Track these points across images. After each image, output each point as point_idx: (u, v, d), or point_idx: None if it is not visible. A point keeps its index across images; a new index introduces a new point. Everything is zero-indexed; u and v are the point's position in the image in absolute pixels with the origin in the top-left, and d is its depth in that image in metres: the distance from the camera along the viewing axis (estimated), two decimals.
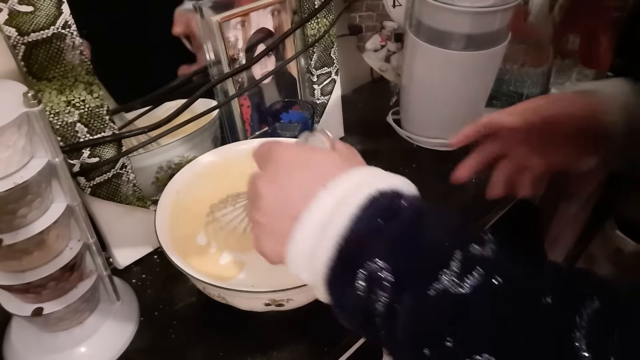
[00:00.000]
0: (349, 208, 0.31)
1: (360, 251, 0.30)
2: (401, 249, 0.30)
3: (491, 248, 0.29)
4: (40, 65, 0.47)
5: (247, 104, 0.71)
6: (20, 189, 0.40)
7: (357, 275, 0.30)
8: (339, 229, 0.31)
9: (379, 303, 0.29)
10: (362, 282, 0.30)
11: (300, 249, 0.33)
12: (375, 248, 0.30)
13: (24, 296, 0.48)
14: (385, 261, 0.29)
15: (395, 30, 0.95)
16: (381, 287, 0.29)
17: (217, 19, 0.62)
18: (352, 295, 0.30)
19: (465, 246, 0.29)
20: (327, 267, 0.32)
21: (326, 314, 0.57)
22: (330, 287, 0.32)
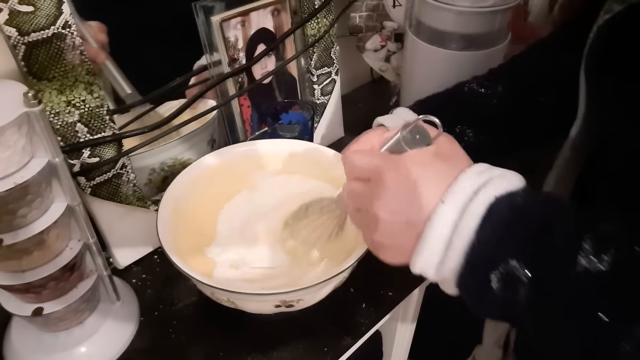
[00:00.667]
0: (472, 219, 0.33)
1: (489, 256, 0.32)
2: (530, 245, 0.31)
3: (615, 223, 0.31)
4: (40, 65, 0.47)
5: (247, 104, 0.71)
6: (20, 189, 0.40)
7: (490, 277, 0.32)
8: (464, 240, 0.33)
9: (519, 297, 0.31)
10: (497, 283, 0.31)
11: (426, 263, 0.35)
12: (504, 251, 0.31)
13: (24, 296, 0.48)
14: (517, 261, 0.31)
15: (395, 30, 0.95)
16: (518, 283, 0.31)
17: (217, 19, 0.62)
18: (488, 295, 0.32)
19: (591, 226, 0.30)
20: (457, 273, 0.34)
21: (326, 314, 0.57)
22: (462, 289, 0.34)
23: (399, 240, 0.37)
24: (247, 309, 0.51)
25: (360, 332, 0.57)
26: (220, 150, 0.63)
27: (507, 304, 0.32)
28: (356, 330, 0.57)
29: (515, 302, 0.31)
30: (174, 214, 0.56)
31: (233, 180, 0.64)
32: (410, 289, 0.63)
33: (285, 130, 0.67)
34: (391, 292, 0.61)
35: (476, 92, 0.59)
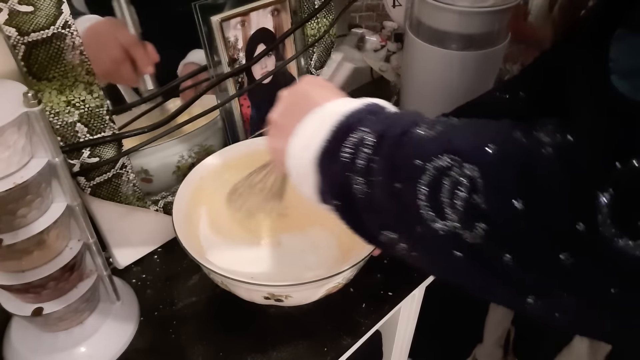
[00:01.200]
0: (345, 109, 0.37)
1: (348, 129, 0.35)
2: (382, 121, 0.35)
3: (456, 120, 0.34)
4: (40, 65, 0.47)
5: (247, 104, 0.71)
6: (20, 189, 0.40)
7: (344, 144, 0.35)
8: (337, 118, 0.36)
9: (360, 161, 0.34)
10: (349, 148, 0.35)
11: (299, 142, 0.38)
12: (362, 125, 0.35)
13: (24, 296, 0.48)
14: (369, 128, 0.35)
15: (395, 30, 0.95)
16: (364, 145, 0.34)
17: (217, 19, 0.62)
18: (337, 163, 0.35)
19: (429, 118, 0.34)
20: (320, 148, 0.37)
21: (326, 314, 0.57)
22: (319, 163, 0.37)
23: (286, 122, 0.41)
24: (241, 295, 0.51)
25: (360, 332, 0.57)
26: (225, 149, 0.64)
27: (353, 171, 0.34)
28: (356, 330, 0.57)
29: (356, 169, 0.34)
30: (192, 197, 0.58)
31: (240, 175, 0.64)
32: (410, 289, 0.63)
33: None
34: (391, 292, 0.61)
35: (500, 99, 0.60)
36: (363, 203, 0.35)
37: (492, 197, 0.26)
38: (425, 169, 0.29)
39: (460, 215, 0.27)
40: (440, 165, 0.29)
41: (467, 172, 0.27)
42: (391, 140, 0.33)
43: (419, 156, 0.30)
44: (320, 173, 0.37)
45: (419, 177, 0.30)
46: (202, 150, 0.70)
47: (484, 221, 0.26)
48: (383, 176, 0.33)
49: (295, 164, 0.39)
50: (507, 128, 0.28)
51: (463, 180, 0.27)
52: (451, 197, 0.28)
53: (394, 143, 0.33)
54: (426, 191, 0.29)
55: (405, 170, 0.31)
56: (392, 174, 0.32)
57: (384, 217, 0.34)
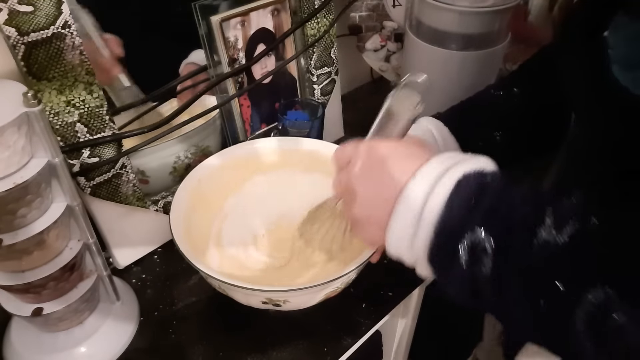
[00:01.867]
0: (441, 193, 0.34)
1: (457, 227, 0.33)
2: (496, 217, 0.32)
3: (577, 199, 0.32)
4: (40, 65, 0.47)
5: (247, 104, 0.71)
6: (20, 189, 0.40)
7: (458, 248, 0.33)
8: (434, 212, 0.34)
9: (484, 269, 0.32)
10: (464, 253, 0.32)
11: (399, 235, 0.36)
12: (471, 221, 0.33)
13: (24, 296, 0.48)
14: (483, 230, 0.32)
15: (395, 30, 0.95)
16: (483, 254, 0.32)
17: (217, 19, 0.62)
18: (456, 268, 0.33)
19: (554, 202, 0.32)
20: (427, 247, 0.35)
21: (326, 315, 0.57)
22: (433, 264, 0.35)
23: (374, 215, 0.38)
24: (239, 300, 0.51)
25: (360, 332, 0.57)
26: (226, 150, 0.64)
27: (473, 276, 0.33)
28: (356, 330, 0.57)
29: (480, 274, 0.32)
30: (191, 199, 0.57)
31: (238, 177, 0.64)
32: (410, 289, 0.63)
33: (295, 127, 0.67)
34: (391, 292, 0.61)
35: (494, 96, 0.60)
36: (494, 305, 0.34)
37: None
38: (579, 298, 0.28)
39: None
40: (595, 300, 0.28)
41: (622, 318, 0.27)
42: (517, 250, 0.31)
43: (560, 278, 0.29)
44: (437, 273, 0.36)
45: (572, 307, 0.28)
46: (199, 151, 0.69)
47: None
48: (517, 290, 0.31)
49: (400, 254, 0.38)
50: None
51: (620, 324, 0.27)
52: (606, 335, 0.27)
53: (521, 254, 0.31)
54: (585, 324, 0.28)
55: (551, 293, 0.29)
56: (530, 292, 0.31)
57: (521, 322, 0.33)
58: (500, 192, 0.34)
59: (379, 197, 0.37)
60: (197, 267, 0.48)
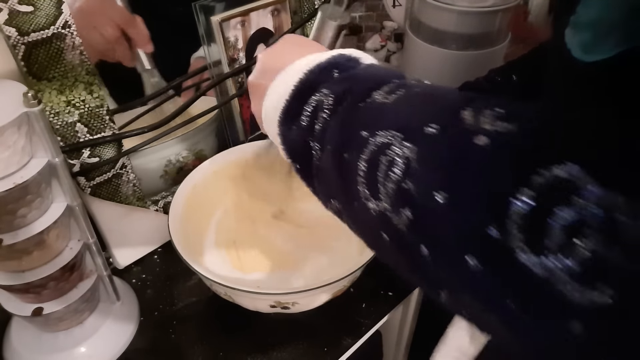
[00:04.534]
0: (311, 63, 0.36)
1: (310, 89, 0.34)
2: (346, 80, 0.33)
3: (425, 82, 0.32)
4: (40, 65, 0.47)
5: (247, 104, 0.71)
6: (20, 189, 0.40)
7: (305, 107, 0.34)
8: (297, 76, 0.35)
9: (318, 125, 0.33)
10: (308, 111, 0.34)
11: (270, 104, 0.37)
12: (325, 84, 0.34)
13: (24, 296, 0.48)
14: (329, 89, 0.33)
15: (395, 30, 0.95)
16: (322, 110, 0.33)
17: (217, 19, 0.62)
18: (297, 127, 0.34)
19: (402, 77, 0.32)
20: (282, 108, 0.36)
21: (326, 315, 0.57)
22: (281, 125, 0.36)
23: (262, 85, 0.39)
24: (244, 305, 0.51)
25: (360, 332, 0.57)
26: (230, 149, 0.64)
27: (309, 134, 0.33)
28: (356, 330, 0.57)
29: (314, 134, 0.33)
30: (186, 205, 0.57)
31: (240, 177, 0.64)
32: (411, 289, 0.63)
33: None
34: (391, 292, 0.61)
35: (492, 80, 0.61)
36: (316, 170, 0.34)
37: (420, 185, 0.24)
38: (369, 142, 0.28)
39: (391, 198, 0.26)
40: (382, 141, 0.27)
41: (405, 151, 0.25)
42: (347, 105, 0.32)
43: (366, 127, 0.29)
44: (281, 135, 0.36)
45: (362, 151, 0.28)
46: (192, 155, 0.69)
47: (410, 209, 0.25)
48: (333, 144, 0.31)
49: (268, 127, 0.38)
50: (459, 104, 0.25)
51: (399, 161, 0.25)
52: (385, 177, 0.26)
53: (349, 109, 0.31)
54: (365, 167, 0.28)
55: (353, 140, 0.29)
56: (341, 143, 0.30)
57: (331, 186, 0.33)
58: (362, 67, 0.35)
59: (270, 71, 0.39)
60: (204, 276, 0.47)
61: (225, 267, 0.58)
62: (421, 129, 0.25)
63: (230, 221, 0.63)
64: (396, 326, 0.79)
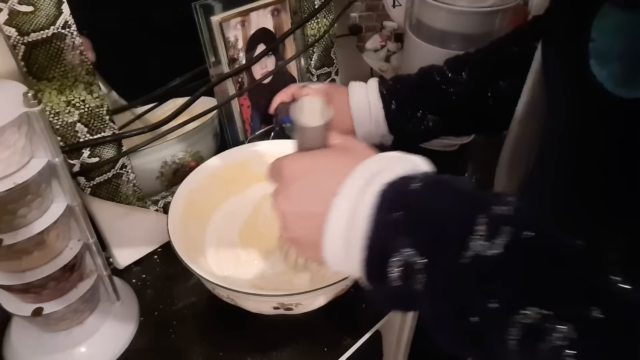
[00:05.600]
0: (363, 212, 0.32)
1: (384, 248, 0.31)
2: (422, 229, 0.30)
3: (513, 206, 0.29)
4: (40, 65, 0.47)
5: (247, 104, 0.71)
6: (20, 189, 0.40)
7: (389, 268, 0.31)
8: (359, 234, 0.32)
9: (418, 285, 0.30)
10: (396, 272, 0.31)
11: (334, 257, 0.35)
12: (398, 239, 0.31)
13: (24, 296, 0.48)
14: (411, 247, 0.30)
15: (395, 30, 0.95)
16: (415, 271, 0.30)
17: (217, 19, 0.62)
18: (390, 286, 0.31)
19: (486, 208, 0.29)
20: (362, 269, 0.33)
21: (326, 315, 0.57)
22: (370, 281, 0.34)
23: (307, 234, 0.36)
24: (246, 307, 0.51)
25: (360, 332, 0.57)
26: (227, 152, 0.64)
27: (411, 294, 0.31)
28: (356, 330, 0.57)
29: (417, 291, 0.31)
30: (185, 208, 0.57)
31: (239, 179, 0.64)
32: None
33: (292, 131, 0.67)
34: None
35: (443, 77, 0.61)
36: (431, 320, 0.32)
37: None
38: (511, 322, 0.26)
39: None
40: (529, 323, 0.26)
41: (567, 333, 0.25)
42: (446, 263, 0.29)
43: (492, 295, 0.27)
44: (375, 290, 0.34)
45: (505, 330, 0.27)
46: (188, 156, 0.69)
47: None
48: (450, 310, 0.30)
49: (335, 264, 0.36)
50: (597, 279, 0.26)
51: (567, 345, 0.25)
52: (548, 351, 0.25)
53: (453, 268, 0.29)
54: (516, 343, 0.26)
55: (482, 311, 0.28)
56: (462, 311, 0.29)
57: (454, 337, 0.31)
58: (427, 199, 0.32)
59: (305, 214, 0.36)
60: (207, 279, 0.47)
61: (225, 268, 0.58)
62: (582, 311, 0.25)
63: (230, 222, 0.63)
64: (396, 326, 0.79)
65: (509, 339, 0.26)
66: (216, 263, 0.58)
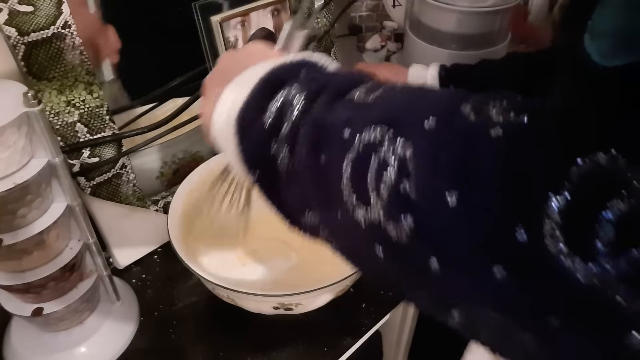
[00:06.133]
0: (277, 62, 0.32)
1: (275, 86, 0.30)
2: (317, 80, 0.30)
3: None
4: (40, 65, 0.47)
5: None
6: (20, 189, 0.40)
7: (269, 105, 0.29)
8: (260, 75, 0.31)
9: (287, 124, 0.28)
10: (273, 109, 0.29)
11: (225, 105, 0.33)
12: (293, 81, 0.30)
13: (24, 296, 0.48)
14: (299, 85, 0.29)
15: (395, 30, 0.95)
16: (291, 108, 0.29)
17: (217, 19, 0.62)
18: (259, 125, 0.30)
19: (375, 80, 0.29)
20: (242, 107, 0.31)
21: (326, 315, 0.57)
22: (239, 124, 0.31)
23: (215, 90, 0.35)
24: (246, 307, 0.51)
25: (360, 332, 0.57)
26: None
27: (271, 136, 0.29)
28: (356, 330, 0.57)
29: (279, 133, 0.29)
30: (184, 208, 0.57)
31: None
32: None
33: None
34: (391, 292, 0.61)
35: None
36: (285, 176, 0.29)
37: (423, 186, 0.21)
38: (353, 142, 0.24)
39: (385, 204, 0.22)
40: (370, 139, 0.24)
41: (398, 149, 0.22)
42: (322, 103, 0.28)
43: (349, 124, 0.25)
44: (239, 135, 0.31)
45: (346, 152, 0.24)
46: (188, 157, 0.68)
47: (412, 215, 0.21)
48: (308, 146, 0.27)
49: (219, 128, 0.34)
50: (457, 99, 0.23)
51: (392, 160, 0.22)
52: (377, 180, 0.22)
53: (324, 107, 0.28)
54: (351, 170, 0.24)
55: (332, 141, 0.26)
56: (318, 144, 0.26)
57: (305, 196, 0.29)
58: (337, 71, 0.32)
59: (229, 71, 0.35)
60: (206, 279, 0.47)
61: (225, 268, 0.58)
62: (418, 124, 0.22)
63: (230, 221, 0.63)
64: (396, 326, 0.79)
65: (344, 159, 0.25)
66: (216, 263, 0.58)
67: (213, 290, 0.51)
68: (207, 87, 0.38)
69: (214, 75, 0.38)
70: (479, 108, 0.21)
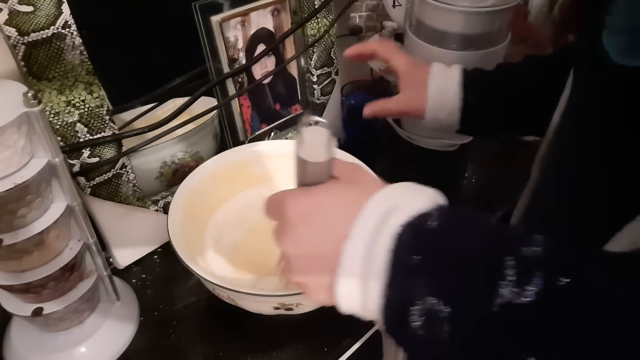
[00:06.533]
0: (380, 255, 0.30)
1: (405, 294, 0.29)
2: (444, 276, 0.28)
3: (541, 244, 0.27)
4: (40, 65, 0.47)
5: (247, 104, 0.71)
6: (20, 189, 0.40)
7: (411, 317, 0.29)
8: (376, 281, 0.30)
9: (444, 334, 0.28)
10: (419, 320, 0.28)
11: (352, 304, 0.34)
12: (419, 286, 0.28)
13: (24, 296, 0.48)
14: (434, 295, 0.28)
15: (395, 30, 0.95)
16: (439, 320, 0.28)
17: (217, 19, 0.62)
18: (413, 335, 0.29)
19: (513, 249, 0.27)
20: (381, 317, 0.31)
21: (326, 315, 0.57)
22: (390, 332, 0.32)
23: (316, 278, 0.34)
24: (246, 308, 0.51)
25: (360, 332, 0.57)
26: (227, 152, 0.64)
27: (435, 342, 0.29)
28: (356, 330, 0.57)
29: (442, 340, 0.28)
30: (185, 209, 0.57)
31: (239, 179, 0.65)
32: None
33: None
34: None
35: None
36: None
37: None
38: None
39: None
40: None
41: None
42: (474, 311, 0.27)
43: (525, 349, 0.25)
44: (396, 339, 0.32)
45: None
46: (188, 156, 0.68)
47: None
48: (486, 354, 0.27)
49: (353, 313, 0.34)
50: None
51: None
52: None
53: (480, 317, 0.27)
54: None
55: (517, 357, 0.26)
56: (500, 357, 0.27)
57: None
58: (447, 239, 0.29)
59: (312, 258, 0.33)
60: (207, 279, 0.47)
61: (225, 269, 0.58)
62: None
63: (230, 221, 0.63)
64: None
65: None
66: (216, 263, 0.58)
67: (213, 291, 0.51)
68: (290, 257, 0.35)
69: (296, 271, 0.35)
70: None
